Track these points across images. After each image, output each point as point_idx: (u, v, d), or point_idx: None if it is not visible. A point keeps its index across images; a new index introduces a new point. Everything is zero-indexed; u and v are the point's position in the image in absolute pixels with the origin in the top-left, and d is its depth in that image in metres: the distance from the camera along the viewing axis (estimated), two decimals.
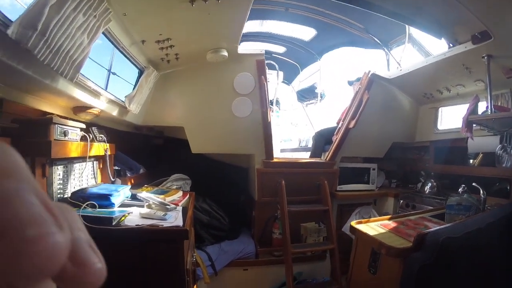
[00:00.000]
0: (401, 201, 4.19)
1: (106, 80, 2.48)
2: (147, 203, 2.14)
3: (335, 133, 4.16)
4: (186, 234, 1.82)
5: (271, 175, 3.69)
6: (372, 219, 2.77)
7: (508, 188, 3.36)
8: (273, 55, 4.75)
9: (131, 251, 1.70)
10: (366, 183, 4.38)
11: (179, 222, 1.91)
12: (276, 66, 5.18)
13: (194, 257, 2.77)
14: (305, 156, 5.39)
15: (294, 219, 3.57)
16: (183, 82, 3.44)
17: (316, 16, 3.79)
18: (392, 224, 2.63)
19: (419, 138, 4.68)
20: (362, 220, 2.68)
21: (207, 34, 2.77)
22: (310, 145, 5.82)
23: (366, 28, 3.93)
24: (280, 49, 5.01)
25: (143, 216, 1.93)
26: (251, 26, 3.79)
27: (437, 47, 3.42)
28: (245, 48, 3.33)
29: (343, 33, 4.14)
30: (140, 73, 2.92)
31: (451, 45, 3.02)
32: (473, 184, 3.13)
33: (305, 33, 4.52)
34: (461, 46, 2.92)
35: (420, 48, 3.68)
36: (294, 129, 7.09)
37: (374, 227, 2.54)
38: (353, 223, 2.59)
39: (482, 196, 3.00)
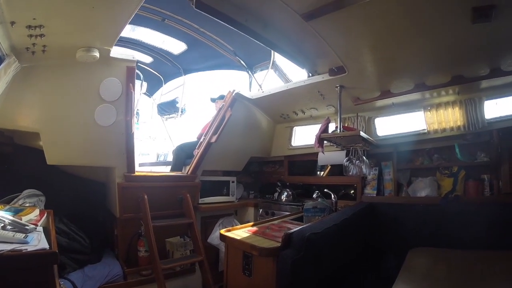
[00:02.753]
0: (261, 209, 4.58)
1: None
2: (1, 225, 1.76)
3: (196, 147, 4.22)
4: (56, 257, 1.63)
5: (133, 190, 3.45)
6: (238, 226, 2.97)
7: (353, 192, 4.18)
8: (139, 64, 4.34)
9: None
10: (227, 195, 4.58)
11: (43, 244, 1.67)
12: (141, 76, 4.98)
13: (62, 286, 2.55)
14: (165, 170, 5.37)
15: (158, 235, 3.40)
16: (46, 80, 2.86)
17: (190, 31, 3.80)
18: (258, 229, 2.88)
19: (274, 153, 5.21)
20: (230, 228, 2.87)
21: (84, 29, 2.45)
22: (169, 159, 5.82)
23: (235, 50, 4.19)
24: (147, 58, 4.88)
25: None
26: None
27: (296, 74, 3.96)
28: (115, 52, 2.94)
29: (213, 52, 4.24)
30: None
31: (310, 74, 3.55)
32: (325, 190, 3.77)
33: (175, 46, 4.46)
34: (319, 76, 3.46)
35: (281, 75, 4.19)
36: (153, 143, 6.97)
37: (242, 233, 2.71)
38: (222, 231, 2.71)
39: (334, 199, 3.67)
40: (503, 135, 3.29)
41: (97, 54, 2.67)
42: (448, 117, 3.51)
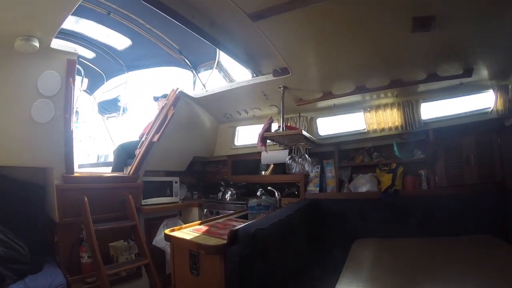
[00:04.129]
0: (205, 209, 4.55)
1: None
2: None
3: (138, 147, 4.11)
4: None
5: (73, 192, 3.26)
6: (184, 225, 2.91)
7: (296, 190, 4.27)
8: (80, 59, 4.21)
9: None
10: (170, 195, 4.51)
11: None
12: (82, 72, 4.71)
13: None
14: (105, 171, 5.08)
15: (101, 240, 3.27)
16: None
17: (136, 27, 3.65)
18: (203, 228, 2.85)
19: (217, 153, 5.20)
20: (175, 228, 2.80)
21: (24, 16, 2.22)
22: (110, 160, 5.59)
23: (180, 49, 4.11)
24: (89, 54, 4.59)
25: None
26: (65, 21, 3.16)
27: (241, 75, 3.96)
28: (55, 43, 2.68)
29: (157, 50, 4.13)
30: None
31: (254, 75, 3.58)
32: (269, 188, 3.82)
33: (120, 41, 4.21)
34: (263, 77, 3.50)
35: (226, 75, 4.17)
36: (93, 143, 6.68)
37: (188, 232, 2.68)
38: (166, 231, 2.66)
39: (278, 197, 3.72)
40: (438, 134, 3.64)
41: (37, 44, 2.43)
42: (387, 118, 3.74)
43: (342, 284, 2.31)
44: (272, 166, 4.67)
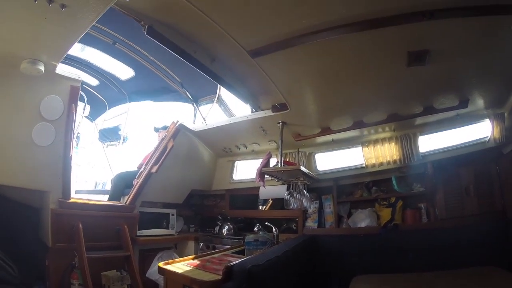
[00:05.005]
0: (201, 243, 4.48)
1: None
2: None
3: (136, 177, 4.11)
4: None
5: (68, 217, 3.22)
6: (178, 259, 2.86)
7: (295, 225, 4.22)
8: (84, 85, 4.23)
9: None
10: (166, 228, 4.43)
11: None
12: (85, 98, 4.67)
13: None
14: (102, 199, 4.97)
15: (94, 268, 3.19)
16: None
17: (139, 58, 3.73)
18: (198, 262, 2.79)
19: (215, 187, 5.17)
20: (169, 261, 2.75)
21: (33, 39, 2.31)
22: (107, 188, 5.52)
23: (182, 82, 4.17)
24: (93, 81, 4.67)
25: None
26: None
27: (241, 110, 4.03)
28: (60, 69, 2.79)
29: (160, 82, 4.20)
30: None
31: (253, 110, 3.63)
32: (266, 223, 3.78)
33: (123, 71, 4.30)
34: (262, 112, 3.55)
35: (226, 109, 4.24)
36: (91, 170, 6.64)
37: (181, 266, 2.61)
38: (160, 264, 2.62)
39: (275, 232, 3.67)
40: (437, 166, 3.66)
41: (42, 67, 2.51)
42: (385, 152, 3.76)
43: None
44: (270, 201, 4.64)
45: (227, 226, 4.67)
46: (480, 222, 3.40)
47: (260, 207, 4.79)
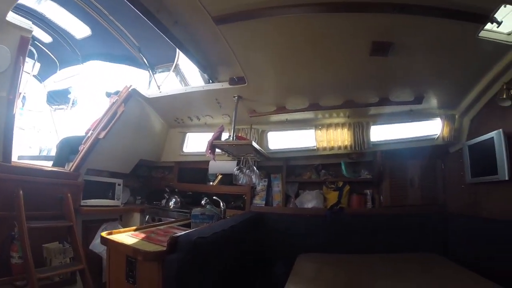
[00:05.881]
0: (147, 216, 4.37)
1: None
2: None
3: (83, 142, 3.88)
4: None
5: (8, 183, 2.88)
6: (122, 229, 2.78)
7: (242, 203, 4.24)
8: (36, 41, 3.96)
9: None
10: (112, 198, 4.25)
11: None
12: (36, 55, 4.25)
13: None
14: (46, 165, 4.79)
15: (34, 239, 2.89)
16: None
17: (98, 16, 3.46)
18: (143, 234, 2.72)
19: (165, 158, 5.06)
20: (113, 231, 2.66)
21: None
22: (52, 154, 5.24)
23: (140, 47, 3.97)
24: (46, 37, 4.29)
25: None
26: None
27: (198, 81, 3.89)
28: (11, 16, 2.53)
29: (116, 44, 3.95)
30: None
31: (210, 81, 3.54)
32: (214, 197, 3.77)
33: (79, 29, 3.96)
34: (219, 84, 3.47)
35: (182, 79, 4.12)
36: (36, 135, 6.24)
37: (125, 237, 2.54)
38: (103, 233, 2.52)
39: (222, 207, 3.67)
40: (385, 156, 3.81)
41: None
42: (337, 137, 3.85)
43: None
44: (219, 176, 4.61)
45: (174, 199, 4.60)
46: (422, 213, 3.64)
47: (211, 183, 4.74)
